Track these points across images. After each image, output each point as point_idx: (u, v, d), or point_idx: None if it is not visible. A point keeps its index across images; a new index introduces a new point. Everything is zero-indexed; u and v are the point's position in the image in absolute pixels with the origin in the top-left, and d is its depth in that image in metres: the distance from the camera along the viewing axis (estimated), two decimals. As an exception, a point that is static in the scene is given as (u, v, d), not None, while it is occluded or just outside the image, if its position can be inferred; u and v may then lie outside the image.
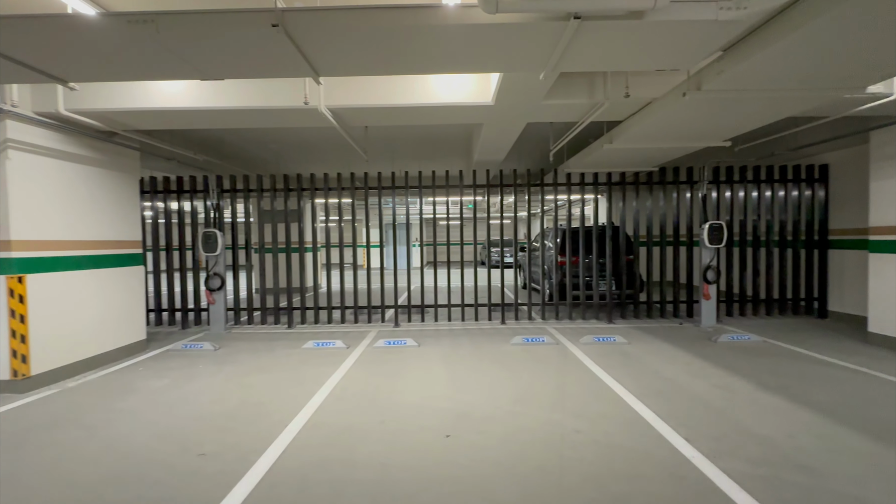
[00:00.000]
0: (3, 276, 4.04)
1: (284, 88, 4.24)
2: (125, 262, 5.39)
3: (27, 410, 3.68)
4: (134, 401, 3.87)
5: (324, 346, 5.69)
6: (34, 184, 4.26)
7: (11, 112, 3.98)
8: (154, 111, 4.33)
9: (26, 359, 4.10)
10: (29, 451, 2.96)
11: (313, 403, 3.73)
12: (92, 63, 2.98)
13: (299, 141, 7.18)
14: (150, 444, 3.04)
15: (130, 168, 5.57)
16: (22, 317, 4.07)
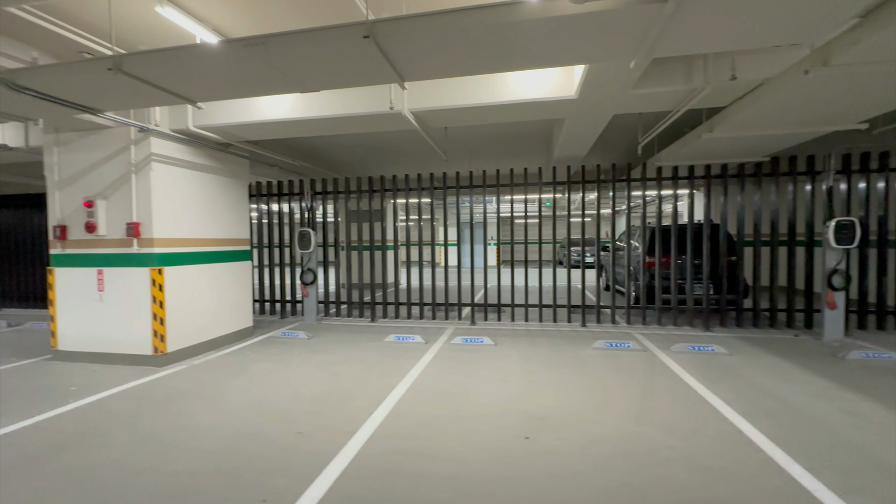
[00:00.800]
0: (148, 269, 4.83)
1: (371, 96, 4.49)
2: (237, 257, 6.13)
3: (164, 382, 4.37)
4: (244, 380, 4.39)
5: (404, 340, 5.93)
6: (169, 190, 5.03)
7: (155, 130, 4.74)
8: (261, 123, 4.85)
9: (164, 338, 4.86)
10: (165, 416, 3.51)
11: (394, 395, 3.91)
12: (215, 84, 3.43)
13: (382, 144, 7.55)
14: (256, 419, 3.42)
15: (241, 174, 6.32)
16: (161, 303, 4.83)
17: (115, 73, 3.00)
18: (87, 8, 3.54)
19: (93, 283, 4.99)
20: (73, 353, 5.08)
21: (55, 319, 5.14)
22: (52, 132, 5.03)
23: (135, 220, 4.81)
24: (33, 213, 9.06)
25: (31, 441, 3.09)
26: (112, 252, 4.94)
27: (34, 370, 4.79)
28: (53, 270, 5.12)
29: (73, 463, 2.78)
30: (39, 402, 3.80)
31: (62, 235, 5.05)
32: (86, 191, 4.98)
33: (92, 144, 4.97)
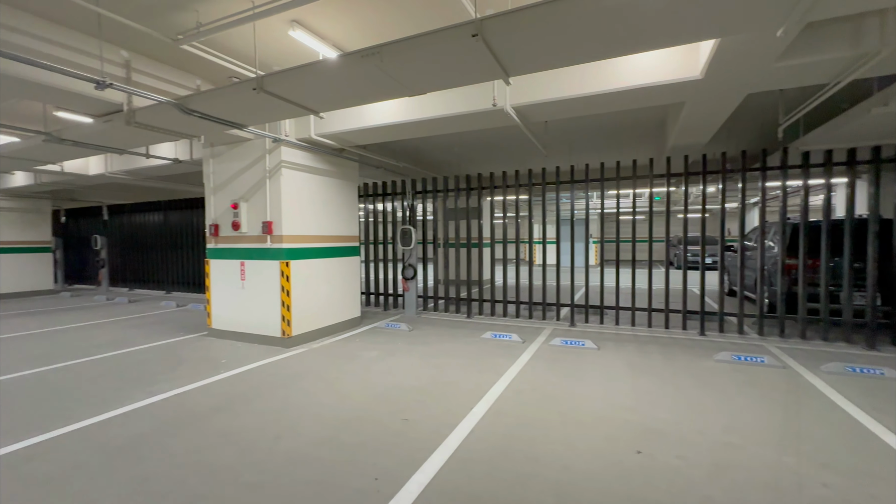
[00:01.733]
0: (278, 262, 5.53)
1: (473, 94, 4.54)
2: (348, 252, 6.71)
3: (290, 362, 4.96)
4: (356, 365, 4.78)
5: (500, 338, 5.91)
6: (295, 192, 5.68)
7: (285, 140, 5.40)
8: (371, 128, 5.22)
9: (290, 323, 5.53)
10: (293, 391, 3.98)
11: (494, 392, 3.91)
12: (335, 94, 3.78)
13: (479, 142, 7.60)
14: (368, 403, 3.70)
15: (352, 177, 6.88)
16: (288, 292, 5.50)
17: (259, 91, 3.48)
18: (235, 38, 4.15)
19: (237, 272, 5.87)
20: (222, 331, 6.05)
21: (210, 302, 6.16)
22: (209, 146, 6.02)
23: (268, 219, 5.54)
24: (193, 214, 10.98)
25: (197, 402, 3.74)
26: (251, 247, 5.75)
27: (196, 343, 5.80)
28: (209, 262, 6.15)
29: (225, 424, 3.30)
30: (201, 371, 4.60)
31: (215, 232, 6.03)
32: (232, 195, 5.87)
33: (237, 155, 5.84)
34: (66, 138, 5.26)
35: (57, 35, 3.78)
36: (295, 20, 3.78)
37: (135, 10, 3.63)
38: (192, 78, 4.95)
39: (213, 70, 4.89)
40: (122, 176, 8.14)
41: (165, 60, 4.65)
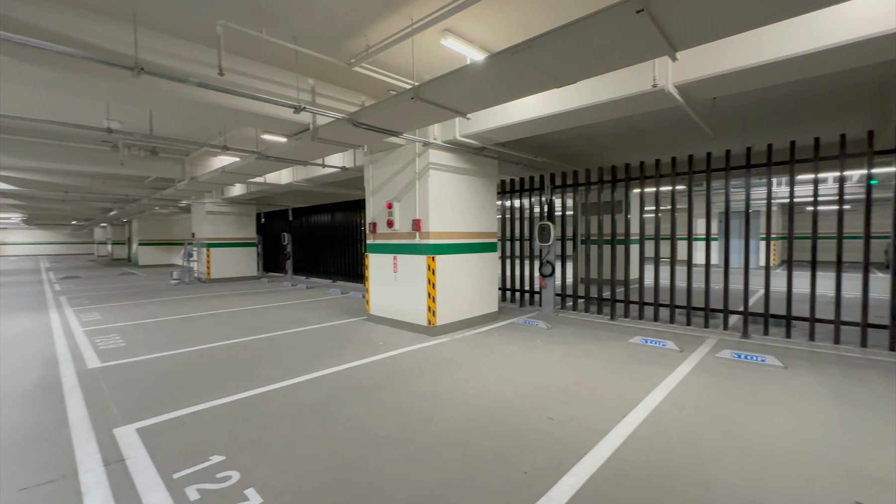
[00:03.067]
0: (425, 256, 5.99)
1: (625, 77, 4.17)
2: (487, 248, 6.88)
3: (435, 349, 5.33)
4: (495, 358, 4.89)
5: (652, 344, 5.35)
6: (440, 191, 6.07)
7: (433, 143, 5.81)
8: (513, 125, 5.24)
9: (435, 314, 5.94)
10: (440, 377, 4.27)
11: (649, 403, 3.56)
12: (482, 95, 3.91)
13: (627, 129, 6.97)
14: (510, 396, 3.75)
15: (491, 174, 7.03)
16: (433, 284, 5.92)
17: (415, 100, 3.81)
18: (393, 54, 4.61)
19: (390, 265, 6.55)
20: (378, 317, 6.84)
21: (369, 291, 7.02)
22: (369, 154, 6.85)
23: (417, 217, 6.04)
24: (353, 214, 12.66)
25: (362, 377, 4.31)
26: (402, 242, 6.35)
27: (357, 326, 6.68)
28: (368, 255, 7.00)
29: (387, 399, 3.72)
30: (363, 350, 5.28)
31: (373, 230, 6.84)
32: (387, 196, 6.57)
33: (391, 160, 6.51)
34: (269, 155, 6.61)
35: (264, 72, 4.76)
36: (447, 29, 4.01)
37: (320, 44, 4.34)
38: (358, 95, 5.69)
39: (375, 86, 5.53)
40: (304, 184, 9.84)
41: (339, 83, 5.44)
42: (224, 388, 3.96)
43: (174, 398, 3.73)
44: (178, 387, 4.02)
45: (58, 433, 3.08)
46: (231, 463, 2.67)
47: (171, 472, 2.56)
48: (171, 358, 4.97)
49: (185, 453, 2.79)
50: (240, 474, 2.54)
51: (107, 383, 4.10)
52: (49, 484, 2.45)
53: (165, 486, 2.43)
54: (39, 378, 4.28)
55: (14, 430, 3.15)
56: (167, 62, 3.88)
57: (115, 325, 6.86)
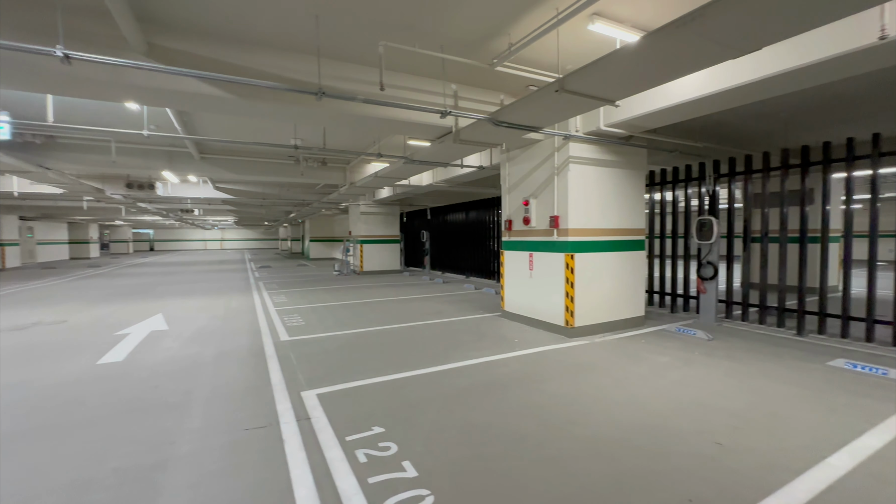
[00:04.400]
0: (563, 254, 5.78)
1: (820, 35, 3.32)
2: (633, 247, 6.30)
3: (573, 351, 5.11)
4: (644, 368, 4.45)
5: (864, 370, 4.20)
6: (580, 186, 5.77)
7: (575, 136, 5.56)
8: (670, 108, 4.66)
9: (573, 314, 5.70)
10: (581, 381, 4.07)
11: (862, 445, 2.80)
12: (636, 78, 3.58)
13: (818, 101, 5.56)
14: (664, 412, 3.36)
15: (639, 165, 6.39)
16: (572, 283, 5.68)
17: (560, 92, 3.69)
18: (534, 49, 4.54)
19: (525, 263, 6.51)
20: (512, 314, 6.87)
21: (503, 288, 7.10)
22: (506, 152, 6.91)
23: (555, 214, 5.86)
24: (485, 212, 12.94)
25: (499, 372, 4.38)
26: (539, 240, 6.24)
27: (492, 322, 6.82)
28: (503, 252, 7.08)
29: (524, 396, 3.71)
30: (499, 346, 5.36)
31: (509, 227, 6.88)
32: (524, 193, 6.53)
33: (528, 157, 6.44)
34: (415, 159, 7.20)
35: (414, 83, 5.18)
36: (596, 13, 3.78)
37: (463, 49, 4.53)
38: (497, 94, 5.77)
39: (515, 84, 5.54)
40: (442, 184, 10.46)
41: (479, 84, 5.61)
42: (380, 368, 4.47)
43: (342, 372, 4.36)
44: (344, 363, 4.68)
45: (264, 390, 3.89)
46: (389, 435, 3.00)
47: (344, 435, 3.00)
48: (338, 338, 5.82)
49: (353, 420, 3.23)
50: (397, 447, 2.84)
51: (294, 354, 5.01)
52: (262, 428, 3.12)
53: (340, 446, 2.85)
54: (250, 344, 5.46)
55: (236, 382, 4.09)
56: (339, 85, 4.54)
57: (296, 306, 8.35)
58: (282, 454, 2.75)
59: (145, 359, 4.86)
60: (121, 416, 3.35)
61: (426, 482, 2.45)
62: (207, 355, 4.99)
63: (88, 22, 3.69)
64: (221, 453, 2.77)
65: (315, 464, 2.64)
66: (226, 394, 3.80)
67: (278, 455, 2.74)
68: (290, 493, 2.35)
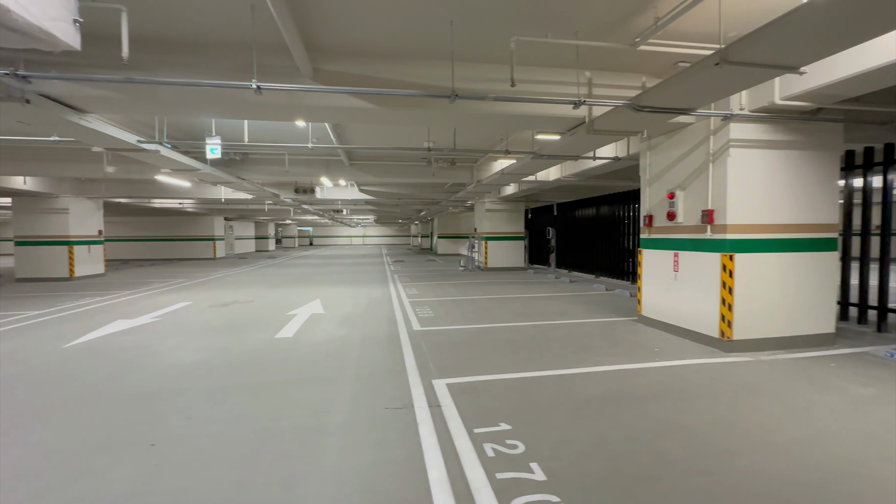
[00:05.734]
0: (718, 254, 4.96)
1: None
2: (818, 246, 5.08)
3: (731, 369, 4.34)
4: (835, 398, 3.55)
5: None
6: (743, 174, 4.87)
7: (738, 115, 4.72)
8: (885, 67, 3.59)
9: (731, 324, 4.86)
10: (742, 405, 3.44)
11: None
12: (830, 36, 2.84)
13: None
14: (867, 457, 2.63)
15: (830, 144, 5.11)
16: (730, 289, 4.84)
17: (722, 65, 3.15)
18: (684, 20, 3.96)
19: (669, 263, 5.78)
20: (651, 319, 6.18)
21: (640, 290, 6.44)
22: (646, 140, 6.22)
23: (709, 208, 5.06)
24: (619, 207, 11.91)
25: (635, 383, 3.98)
26: (686, 237, 5.48)
27: (626, 327, 6.24)
28: (642, 251, 6.42)
29: (667, 414, 3.29)
30: (635, 354, 4.88)
31: (649, 223, 6.20)
32: (668, 185, 5.80)
33: (674, 144, 5.69)
34: (543, 154, 7.00)
35: (545, 75, 5.01)
36: (773, -37, 3.13)
37: (600, 32, 4.21)
38: (637, 77, 5.23)
39: (659, 63, 4.95)
40: (571, 178, 9.96)
41: (616, 68, 5.16)
42: (505, 365, 4.48)
43: (469, 365, 4.50)
44: (471, 356, 4.82)
45: (400, 374, 4.24)
46: (516, 434, 2.98)
47: (472, 427, 3.08)
48: (465, 331, 6.02)
49: (480, 414, 3.30)
50: (524, 447, 2.80)
51: (425, 343, 5.36)
52: (399, 409, 3.41)
53: (468, 437, 2.94)
54: (388, 332, 6.03)
55: (377, 365, 4.55)
56: (471, 85, 4.67)
57: (426, 299, 8.91)
58: (416, 436, 2.96)
59: (308, 337, 5.75)
60: (291, 383, 4.03)
61: (555, 489, 2.36)
62: (354, 338, 5.66)
63: (270, 57, 4.48)
64: (366, 427, 3.11)
65: (445, 450, 2.77)
66: (368, 374, 4.25)
67: (413, 437, 2.95)
68: (424, 474, 2.51)
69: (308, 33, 4.24)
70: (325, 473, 2.52)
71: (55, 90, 4.32)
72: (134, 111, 5.88)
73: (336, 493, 2.34)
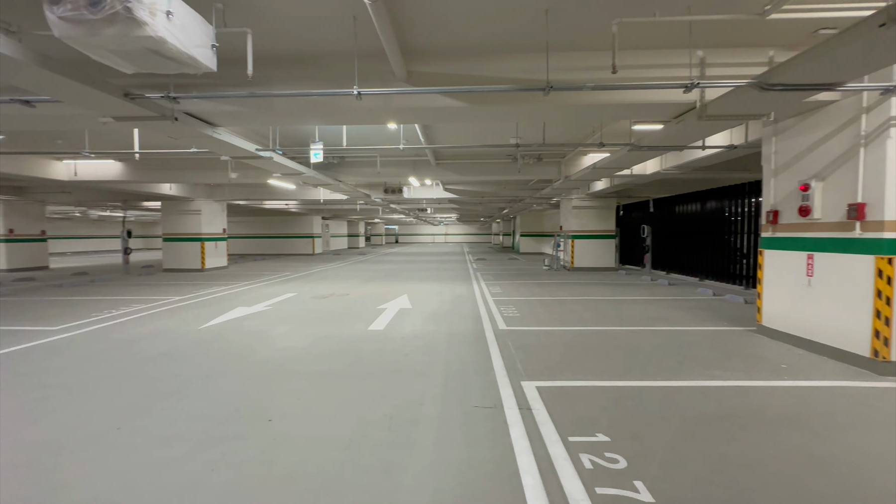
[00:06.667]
0: (872, 257, 4.12)
1: None
2: None
3: (890, 395, 3.58)
4: None
5: None
6: (911, 160, 3.97)
7: (901, 87, 3.87)
8: None
9: (888, 342, 4.01)
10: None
11: None
12: None
13: None
14: None
15: None
16: (888, 299, 3.99)
17: (889, 26, 2.58)
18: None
19: (801, 266, 4.95)
20: (774, 330, 5.36)
21: (761, 296, 5.62)
22: (771, 124, 5.40)
23: (859, 201, 4.22)
24: (730, 201, 10.55)
25: (762, 403, 3.46)
26: (825, 236, 4.65)
27: (742, 338, 5.49)
28: (763, 252, 5.59)
29: (807, 443, 2.80)
30: (757, 369, 4.26)
31: (773, 219, 5.37)
32: (800, 174, 4.97)
33: (808, 127, 4.85)
34: (643, 146, 6.45)
35: (650, 59, 4.59)
36: None
37: (717, 3, 3.73)
38: (763, 52, 4.55)
39: (793, 32, 4.25)
40: (672, 171, 9.06)
41: (736, 44, 4.54)
42: (599, 372, 4.21)
43: (559, 369, 4.31)
44: (561, 359, 4.62)
45: (487, 373, 4.21)
46: (616, 447, 2.76)
47: (566, 434, 2.93)
48: (553, 333, 5.79)
49: (574, 421, 3.13)
50: (626, 462, 2.58)
51: (512, 343, 5.26)
52: (488, 409, 3.37)
53: (563, 444, 2.80)
54: (473, 329, 6.04)
55: (465, 361, 4.57)
56: (566, 76, 4.45)
57: (510, 298, 8.78)
58: (507, 438, 2.90)
59: (398, 331, 5.99)
60: (385, 374, 4.22)
61: (667, 513, 2.13)
62: (441, 334, 5.77)
63: (367, 64, 4.72)
64: (457, 423, 3.13)
65: (539, 455, 2.66)
66: (457, 370, 4.29)
67: (504, 438, 2.89)
68: (518, 478, 2.44)
69: (403, 37, 4.38)
70: (421, 465, 2.58)
71: (195, 108, 5.03)
72: (253, 123, 6.64)
73: (434, 485, 2.38)
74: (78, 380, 4.06)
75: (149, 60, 2.93)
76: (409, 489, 2.35)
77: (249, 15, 3.91)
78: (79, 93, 3.92)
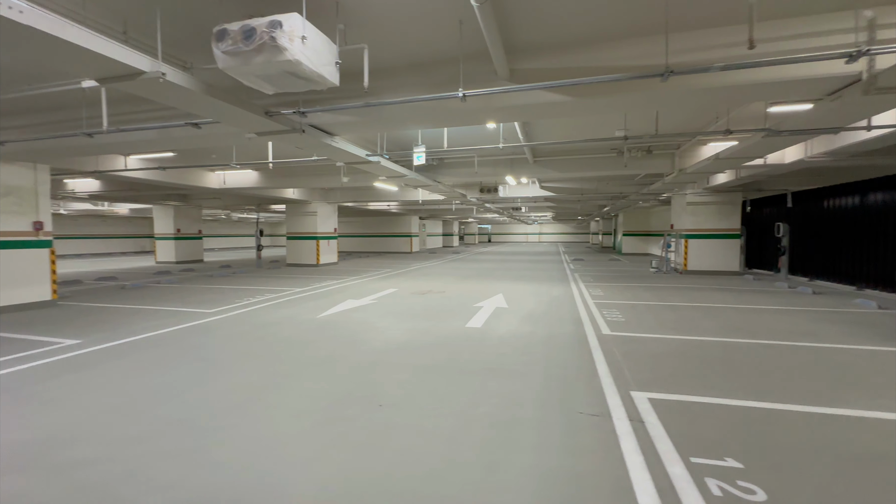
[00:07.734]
0: None
1: None
2: None
3: None
4: None
5: None
6: None
7: None
8: None
9: None
10: None
11: None
12: None
13: None
14: None
15: None
16: None
17: None
18: None
19: None
20: (977, 357, 4.20)
21: (956, 313, 4.44)
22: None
23: None
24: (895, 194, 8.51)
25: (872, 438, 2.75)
26: None
27: (926, 363, 4.40)
28: (960, 256, 4.41)
29: None
30: None
31: (978, 215, 4.20)
32: None
33: None
34: (783, 130, 5.53)
35: (798, 27, 3.91)
36: None
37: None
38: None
39: None
40: (821, 158, 7.60)
41: (923, -4, 3.64)
42: (724, 388, 3.73)
43: (675, 381, 3.91)
44: (676, 370, 4.19)
45: (591, 379, 4.00)
46: (752, 477, 2.42)
47: (688, 454, 2.65)
48: (665, 341, 5.28)
49: (697, 441, 2.82)
50: (766, 496, 2.25)
51: (618, 350, 4.92)
52: (594, 417, 3.21)
53: (684, 465, 2.54)
54: (574, 332, 5.78)
55: (566, 365, 4.40)
56: (688, 58, 4.01)
57: (613, 301, 8.22)
58: (617, 451, 2.72)
59: (495, 329, 6.01)
60: (483, 371, 4.26)
61: (824, 563, 1.81)
62: (539, 335, 5.64)
63: (469, 65, 4.80)
64: (561, 429, 3.03)
65: (655, 474, 2.45)
66: (557, 373, 4.15)
67: (614, 451, 2.72)
68: (631, 496, 2.27)
69: (507, 36, 4.37)
70: (523, 467, 2.56)
71: (318, 120, 5.63)
72: (364, 131, 7.20)
73: (536, 490, 2.34)
74: (225, 355, 4.83)
75: (285, 81, 3.36)
76: (513, 489, 2.34)
77: (363, 31, 4.24)
78: (233, 114, 4.65)
